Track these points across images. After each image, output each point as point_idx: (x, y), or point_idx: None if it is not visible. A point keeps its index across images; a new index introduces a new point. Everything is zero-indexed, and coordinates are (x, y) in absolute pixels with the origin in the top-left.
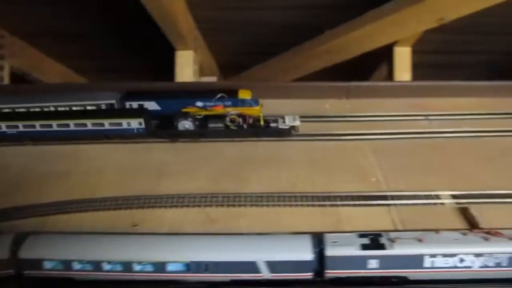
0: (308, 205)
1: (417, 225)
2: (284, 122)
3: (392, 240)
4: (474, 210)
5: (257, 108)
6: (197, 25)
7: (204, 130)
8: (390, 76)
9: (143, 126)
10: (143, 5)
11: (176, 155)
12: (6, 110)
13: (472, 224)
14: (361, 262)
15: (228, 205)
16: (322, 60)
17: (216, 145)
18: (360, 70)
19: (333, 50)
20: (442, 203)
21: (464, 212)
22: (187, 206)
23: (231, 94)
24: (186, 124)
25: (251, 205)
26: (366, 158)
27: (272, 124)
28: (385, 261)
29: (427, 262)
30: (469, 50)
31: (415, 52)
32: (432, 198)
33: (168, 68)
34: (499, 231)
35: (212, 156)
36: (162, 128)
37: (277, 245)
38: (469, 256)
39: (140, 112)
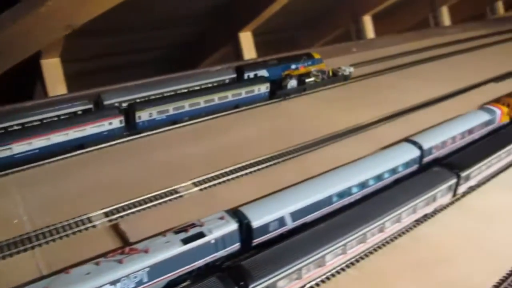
0: None
1: (68, 261)
2: (345, 70)
3: None
4: (124, 225)
5: (323, 64)
6: None
7: (304, 86)
8: (45, 92)
9: (268, 90)
10: None
11: None
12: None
13: (125, 241)
14: None
15: None
16: None
17: None
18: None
19: None
20: (94, 226)
21: (116, 229)
22: None
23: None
24: (292, 83)
25: None
26: (9, 196)
27: (339, 73)
28: None
29: None
30: (139, 48)
31: (68, 62)
32: (84, 224)
33: None
34: (133, 247)
35: None
36: (275, 90)
37: None
38: (105, 286)
39: (264, 79)
